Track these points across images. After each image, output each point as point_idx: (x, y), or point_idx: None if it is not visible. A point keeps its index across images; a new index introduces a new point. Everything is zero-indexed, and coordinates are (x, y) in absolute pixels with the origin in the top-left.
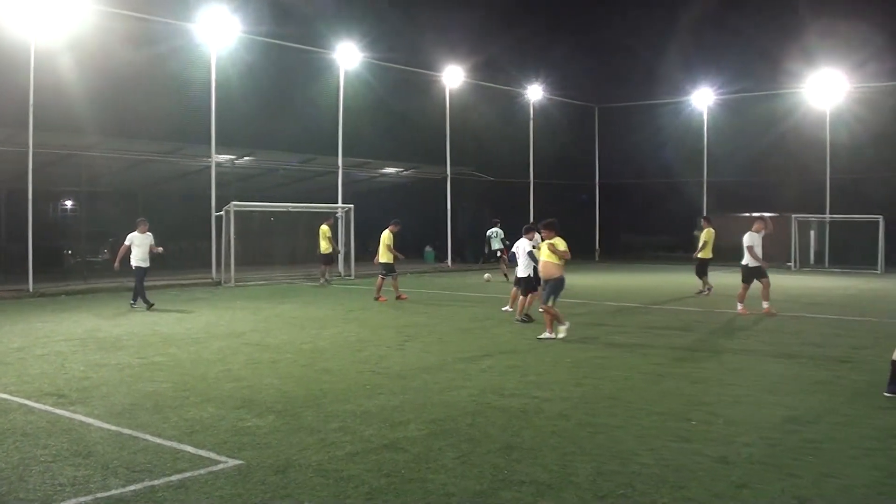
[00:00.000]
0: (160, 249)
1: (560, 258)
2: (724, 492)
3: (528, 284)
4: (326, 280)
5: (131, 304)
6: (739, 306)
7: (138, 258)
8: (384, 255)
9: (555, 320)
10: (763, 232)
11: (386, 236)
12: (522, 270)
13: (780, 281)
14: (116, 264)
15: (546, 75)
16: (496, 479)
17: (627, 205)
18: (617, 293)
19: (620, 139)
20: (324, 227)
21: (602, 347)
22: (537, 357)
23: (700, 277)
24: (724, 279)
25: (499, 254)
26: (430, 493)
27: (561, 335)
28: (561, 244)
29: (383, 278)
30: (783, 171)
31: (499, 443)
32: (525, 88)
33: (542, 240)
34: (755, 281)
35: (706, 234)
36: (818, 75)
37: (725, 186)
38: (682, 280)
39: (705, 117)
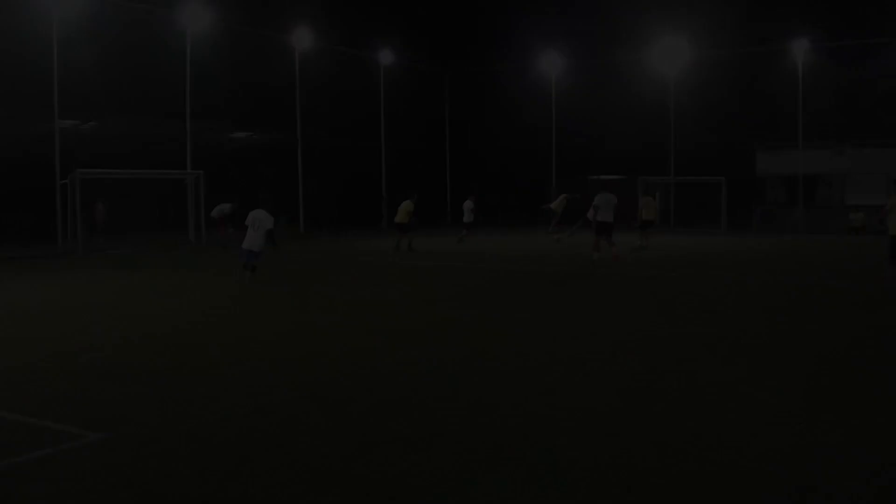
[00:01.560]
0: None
1: None
2: (592, 440)
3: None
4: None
5: None
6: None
7: None
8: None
9: None
10: None
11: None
12: None
13: (630, 241)
14: None
15: (398, 41)
16: (366, 440)
17: (480, 169)
18: (475, 255)
19: (472, 104)
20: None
21: (464, 306)
22: (403, 317)
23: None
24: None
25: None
26: (301, 456)
27: None
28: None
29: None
30: (630, 135)
31: (367, 403)
32: (377, 53)
33: None
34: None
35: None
36: (664, 42)
37: (575, 150)
38: (537, 241)
39: (552, 82)
